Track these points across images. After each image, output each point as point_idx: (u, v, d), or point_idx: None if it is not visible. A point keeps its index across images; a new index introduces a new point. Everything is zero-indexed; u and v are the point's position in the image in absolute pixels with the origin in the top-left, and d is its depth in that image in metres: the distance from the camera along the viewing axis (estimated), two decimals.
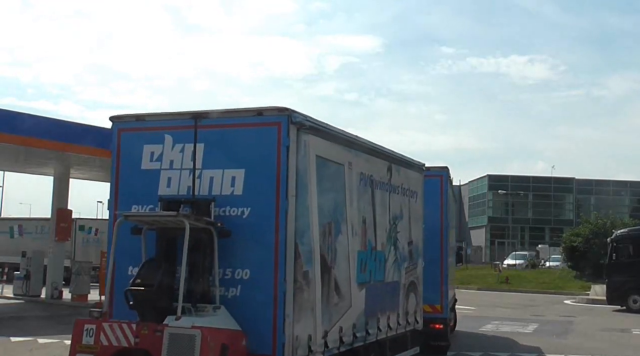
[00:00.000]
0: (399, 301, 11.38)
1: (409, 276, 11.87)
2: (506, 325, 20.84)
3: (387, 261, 10.89)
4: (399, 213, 11.46)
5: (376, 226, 10.44)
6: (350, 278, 9.52)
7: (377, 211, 10.52)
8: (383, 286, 10.75)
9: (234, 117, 8.29)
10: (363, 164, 10.06)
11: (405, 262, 11.70)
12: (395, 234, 11.25)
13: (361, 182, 9.96)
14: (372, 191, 10.38)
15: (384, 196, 10.81)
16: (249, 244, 7.98)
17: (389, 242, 10.96)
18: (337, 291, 9.11)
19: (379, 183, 10.61)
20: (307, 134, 8.33)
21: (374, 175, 10.40)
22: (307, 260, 8.28)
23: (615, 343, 17.77)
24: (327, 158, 8.93)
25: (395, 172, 11.31)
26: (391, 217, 11.10)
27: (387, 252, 10.91)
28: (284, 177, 7.93)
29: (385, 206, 10.89)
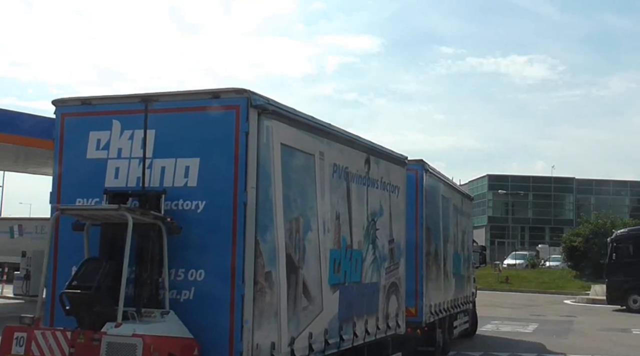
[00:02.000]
0: (378, 304, 10.55)
1: (389, 277, 11.04)
2: (506, 325, 20.86)
3: (365, 261, 10.06)
4: (379, 209, 10.63)
5: (352, 222, 9.61)
6: (322, 280, 8.69)
7: (353, 206, 9.69)
8: (360, 288, 9.92)
9: (188, 100, 7.45)
10: (337, 155, 9.23)
11: (385, 261, 10.87)
12: (374, 232, 10.42)
13: (334, 174, 9.13)
14: (348, 184, 9.55)
15: (361, 190, 9.98)
16: (203, 242, 7.14)
17: (366, 240, 10.14)
18: (306, 294, 8.28)
19: (355, 177, 9.78)
20: (270, 120, 7.50)
21: (349, 168, 9.58)
22: (270, 260, 7.45)
23: (615, 343, 17.76)
24: (294, 147, 8.10)
25: (374, 165, 10.48)
26: (369, 213, 10.27)
27: (365, 250, 10.08)
28: (242, 167, 7.09)
29: (363, 201, 10.06)
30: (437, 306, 12.94)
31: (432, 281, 12.71)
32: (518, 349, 16.22)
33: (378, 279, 10.57)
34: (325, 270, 8.76)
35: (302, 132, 8.32)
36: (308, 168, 8.46)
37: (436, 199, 13.41)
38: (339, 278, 9.17)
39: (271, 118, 7.53)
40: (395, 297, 11.26)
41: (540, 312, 26.31)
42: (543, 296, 35.08)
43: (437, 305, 12.92)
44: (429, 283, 12.54)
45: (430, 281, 12.58)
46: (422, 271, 12.09)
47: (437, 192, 13.44)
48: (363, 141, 10.15)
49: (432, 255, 13.01)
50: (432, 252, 12.97)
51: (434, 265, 13.08)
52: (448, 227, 14.61)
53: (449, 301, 14.22)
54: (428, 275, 12.58)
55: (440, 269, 13.58)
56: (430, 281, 12.63)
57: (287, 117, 7.91)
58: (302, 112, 8.35)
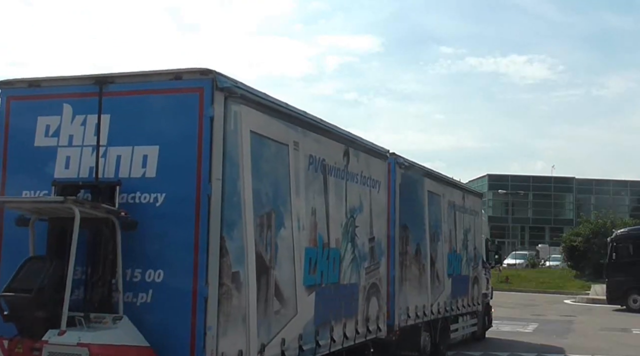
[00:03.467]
0: (358, 307, 9.87)
1: (370, 277, 10.36)
2: (506, 325, 20.83)
3: (343, 260, 9.37)
4: (358, 205, 9.94)
5: (329, 219, 8.91)
6: (296, 281, 8.00)
7: (331, 201, 9.00)
8: (338, 290, 9.23)
9: (148, 82, 6.71)
10: (313, 145, 8.54)
11: (365, 261, 10.18)
12: (353, 229, 9.73)
13: (310, 166, 8.44)
14: (325, 178, 8.86)
15: (339, 184, 9.29)
16: (163, 239, 6.42)
17: (345, 238, 9.45)
18: (279, 297, 7.58)
19: (333, 169, 9.09)
20: (238, 104, 6.80)
21: (326, 160, 8.88)
22: (238, 259, 6.74)
23: (616, 343, 17.65)
24: (265, 136, 7.39)
25: (354, 158, 9.80)
26: (348, 208, 9.58)
27: (343, 249, 9.39)
28: (206, 156, 6.39)
29: (341, 196, 9.37)
30: (419, 308, 12.18)
31: (410, 282, 11.92)
32: (518, 349, 16.14)
33: (357, 280, 9.88)
34: (299, 270, 8.07)
35: (275, 120, 7.62)
36: (281, 159, 7.77)
37: (418, 195, 12.63)
38: (315, 279, 8.49)
39: (239, 103, 6.83)
40: (376, 299, 10.58)
41: (540, 312, 26.24)
42: (543, 296, 35.06)
43: (419, 307, 12.16)
44: (406, 284, 11.73)
45: (407, 282, 11.79)
46: (394, 271, 11.27)
47: (418, 187, 12.62)
48: (342, 132, 9.47)
49: (411, 255, 12.23)
50: (410, 251, 12.17)
51: (414, 265, 12.30)
52: (438, 224, 13.58)
53: (440, 304, 13.37)
54: (405, 275, 11.78)
55: (425, 269, 12.66)
56: (408, 282, 11.83)
57: (257, 102, 7.21)
58: (274, 98, 7.65)
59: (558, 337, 18.57)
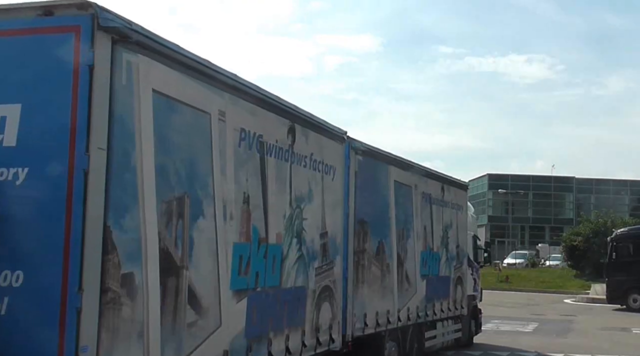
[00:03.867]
0: (305, 315, 8.29)
1: (321, 279, 8.78)
2: (506, 324, 20.79)
3: (287, 259, 7.78)
4: (307, 194, 8.36)
5: (268, 208, 7.32)
6: (220, 284, 6.39)
7: (271, 187, 7.41)
8: (279, 295, 7.64)
9: (8, 19, 5.05)
10: (246, 118, 6.94)
11: (315, 260, 8.60)
12: (300, 222, 8.15)
13: (242, 142, 6.83)
14: (262, 158, 7.26)
15: (282, 167, 7.70)
16: (23, 229, 4.78)
17: (289, 232, 7.86)
18: (194, 305, 5.97)
19: (274, 149, 7.50)
20: (134, 53, 5.18)
21: (265, 136, 7.29)
22: (132, 256, 5.13)
23: (616, 342, 17.61)
24: (177, 99, 5.78)
25: (302, 137, 8.21)
26: (294, 197, 7.99)
27: (287, 245, 7.80)
28: (83, 117, 4.75)
29: (285, 181, 7.78)
30: (382, 315, 10.59)
31: (369, 285, 10.29)
32: (518, 348, 16.00)
33: (305, 282, 8.30)
34: (225, 270, 6.46)
35: (192, 80, 6.01)
36: (200, 131, 6.15)
37: (380, 185, 10.92)
38: (247, 281, 6.89)
39: (136, 52, 5.21)
40: (328, 305, 9.01)
41: (540, 311, 26.12)
42: (543, 295, 34.90)
43: (381, 313, 10.56)
44: (363, 287, 10.10)
45: (365, 285, 10.15)
46: (347, 273, 9.63)
47: (381, 176, 10.91)
48: (286, 104, 7.87)
49: (371, 254, 10.62)
50: (370, 249, 10.54)
51: (375, 265, 10.69)
52: (409, 219, 11.84)
53: (410, 309, 11.70)
54: (362, 277, 10.15)
55: (390, 270, 10.99)
56: (366, 284, 10.20)
57: (165, 54, 5.60)
58: (192, 52, 6.03)
59: (558, 337, 18.54)
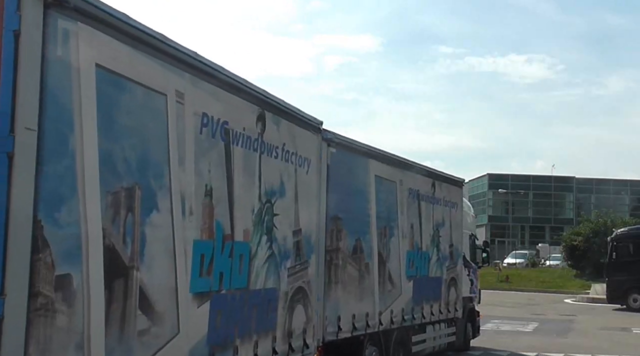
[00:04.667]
0: (277, 319, 7.61)
1: (294, 280, 8.11)
2: (506, 324, 20.84)
3: (255, 258, 7.10)
4: (278, 187, 7.68)
5: (234, 202, 6.64)
6: (178, 287, 5.69)
7: (237, 179, 6.73)
8: (247, 297, 6.96)
9: None
10: (209, 101, 6.25)
11: (288, 259, 7.92)
12: (271, 217, 7.47)
13: (204, 128, 6.14)
14: (228, 147, 6.58)
15: (250, 158, 7.02)
16: None
17: (258, 229, 7.17)
18: (147, 310, 5.27)
19: (240, 137, 6.81)
20: (73, 21, 4.48)
21: (231, 123, 6.60)
22: (69, 255, 4.43)
23: (616, 342, 17.61)
24: (125, 76, 5.08)
25: (273, 125, 7.53)
26: (264, 190, 7.31)
27: (256, 243, 7.12)
28: (7, 91, 4.04)
29: (253, 173, 7.10)
30: (360, 318, 9.93)
31: (344, 286, 9.58)
32: (518, 348, 15.92)
33: (276, 284, 7.62)
34: (184, 271, 5.77)
35: (145, 56, 5.31)
36: (154, 113, 5.45)
37: (357, 180, 10.19)
38: (209, 283, 6.20)
39: (76, 20, 4.51)
40: (302, 308, 8.34)
41: (540, 311, 26.17)
42: (543, 295, 34.92)
43: (359, 316, 9.89)
44: (337, 288, 9.38)
45: (339, 285, 9.44)
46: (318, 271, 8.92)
47: (359, 170, 10.20)
48: (255, 88, 7.18)
49: (346, 252, 9.89)
50: (345, 247, 9.72)
51: (352, 265, 9.99)
52: (392, 216, 11.10)
53: (394, 311, 10.96)
54: (336, 277, 9.41)
55: (369, 270, 10.29)
56: (341, 285, 9.48)
57: (112, 24, 4.88)
58: (146, 25, 5.33)
59: (558, 336, 18.54)
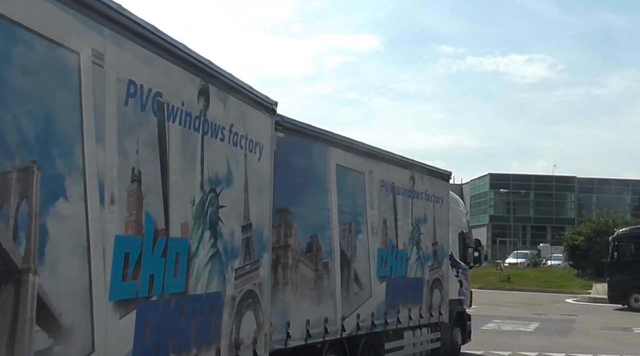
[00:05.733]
0: (221, 328, 6.53)
1: (243, 282, 7.04)
2: (508, 324, 20.91)
3: (196, 257, 6.01)
4: (225, 175, 6.60)
5: (169, 191, 5.54)
6: (93, 295, 4.58)
7: (174, 163, 5.64)
8: (185, 304, 5.86)
9: None
10: (137, 66, 5.14)
11: (236, 258, 6.85)
12: (215, 210, 6.39)
13: (131, 99, 5.03)
14: (163, 124, 5.48)
15: (190, 138, 5.93)
16: None
17: (199, 223, 6.08)
18: (48, 325, 4.15)
19: (179, 113, 5.71)
20: None
21: (165, 95, 5.50)
22: None
23: (617, 342, 17.69)
24: (22, 25, 3.95)
25: (218, 101, 6.44)
26: (207, 178, 6.23)
27: (196, 240, 6.03)
28: None
29: (194, 157, 6.02)
30: (316, 323, 8.83)
31: (296, 288, 8.51)
32: (519, 348, 15.98)
33: (222, 287, 6.54)
34: (101, 275, 4.66)
35: (49, 3, 4.18)
36: (62, 74, 4.33)
37: (314, 169, 9.06)
38: (135, 288, 5.10)
39: None
40: (252, 313, 7.27)
41: (541, 311, 26.28)
42: (544, 295, 35.03)
43: (315, 322, 8.80)
44: (286, 290, 8.33)
45: (289, 287, 8.40)
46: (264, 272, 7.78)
47: (315, 158, 9.06)
48: (197, 57, 6.07)
49: (299, 250, 8.68)
50: (297, 244, 8.61)
51: (306, 264, 8.87)
52: (360, 211, 9.99)
53: (361, 316, 9.85)
54: (284, 278, 8.34)
55: (329, 270, 9.13)
56: (291, 287, 8.43)
57: None
58: None
59: (559, 336, 18.61)
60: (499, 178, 78.04)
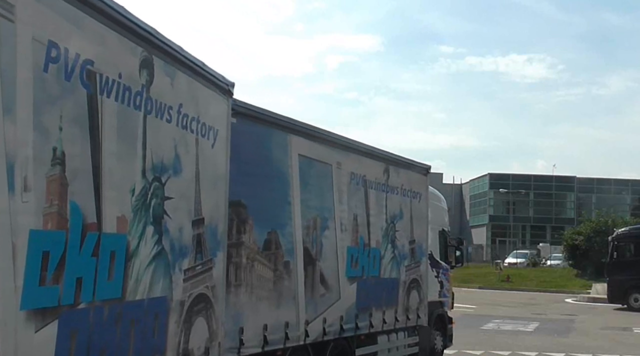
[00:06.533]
0: (167, 338, 5.67)
1: (193, 285, 6.19)
2: (507, 324, 20.91)
3: (136, 256, 5.14)
4: (172, 162, 5.74)
5: (101, 177, 4.67)
6: (3, 304, 3.70)
7: (108, 144, 4.76)
8: (120, 312, 4.99)
9: None
10: (61, 27, 4.27)
11: (185, 258, 6.00)
12: (160, 201, 5.53)
13: (52, 65, 4.15)
14: (95, 98, 4.60)
15: (129, 116, 5.06)
16: None
17: (141, 217, 5.21)
18: None
19: (114, 85, 4.84)
20: None
21: (99, 65, 4.62)
22: None
23: (617, 342, 17.67)
24: None
25: (164, 77, 5.58)
26: (150, 164, 5.36)
27: (137, 237, 5.16)
28: None
29: (134, 138, 5.15)
30: (276, 329, 7.98)
31: (251, 290, 7.68)
32: (519, 348, 15.93)
33: (168, 291, 5.68)
34: (10, 278, 3.79)
35: None
36: None
37: (272, 159, 8.21)
38: (57, 294, 4.21)
39: None
40: (204, 320, 6.43)
41: (541, 311, 26.23)
42: (544, 295, 34.98)
43: (274, 327, 7.94)
44: (240, 292, 7.47)
45: (243, 289, 7.55)
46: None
47: (274, 147, 8.23)
48: (138, 22, 5.19)
49: (254, 248, 7.80)
50: (253, 242, 7.77)
51: (264, 264, 7.99)
52: (327, 206, 9.16)
53: (328, 320, 9.05)
54: (237, 279, 7.46)
55: (290, 270, 8.34)
56: (246, 289, 7.59)
57: None
58: None
59: (559, 336, 18.61)
60: (498, 178, 78.18)
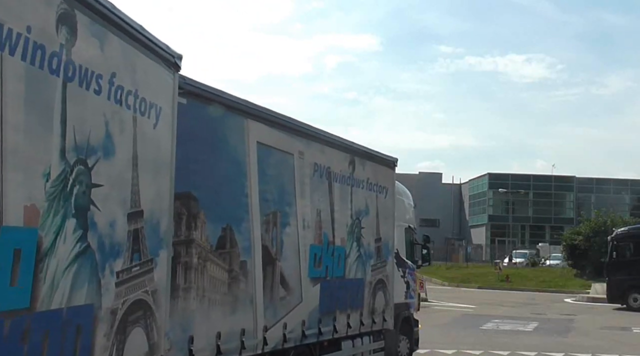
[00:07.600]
0: (92, 354, 4.70)
1: (129, 290, 5.25)
2: (507, 324, 21.09)
3: (51, 256, 4.17)
4: (102, 143, 4.77)
5: (4, 157, 3.70)
6: None
7: (12, 116, 3.80)
8: (28, 325, 4.01)
9: None
10: None
11: (116, 258, 5.04)
12: (86, 190, 4.57)
13: None
14: None
15: (45, 85, 4.09)
16: None
17: (57, 210, 4.24)
18: None
19: (21, 41, 3.86)
20: None
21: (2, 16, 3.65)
22: None
23: (616, 342, 17.75)
24: None
25: (91, 39, 4.62)
26: (71, 145, 4.38)
27: (51, 234, 4.19)
28: None
29: (50, 112, 4.17)
30: (230, 337, 7.04)
31: (203, 294, 6.81)
32: (518, 347, 16.02)
33: (95, 297, 4.71)
34: None
35: None
36: None
37: (227, 146, 7.27)
38: None
39: None
40: (141, 330, 5.48)
41: (540, 311, 26.50)
42: (543, 294, 35.35)
43: (228, 335, 6.98)
44: (190, 297, 6.62)
45: (193, 293, 6.68)
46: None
47: (229, 132, 7.30)
48: None
49: (206, 247, 6.91)
50: (204, 239, 6.87)
51: (216, 263, 7.07)
52: (288, 200, 8.33)
53: (289, 325, 8.21)
54: (186, 282, 6.60)
55: (246, 271, 7.46)
56: (196, 293, 6.72)
57: None
58: None
59: (558, 336, 18.71)
60: (498, 177, 78.59)
